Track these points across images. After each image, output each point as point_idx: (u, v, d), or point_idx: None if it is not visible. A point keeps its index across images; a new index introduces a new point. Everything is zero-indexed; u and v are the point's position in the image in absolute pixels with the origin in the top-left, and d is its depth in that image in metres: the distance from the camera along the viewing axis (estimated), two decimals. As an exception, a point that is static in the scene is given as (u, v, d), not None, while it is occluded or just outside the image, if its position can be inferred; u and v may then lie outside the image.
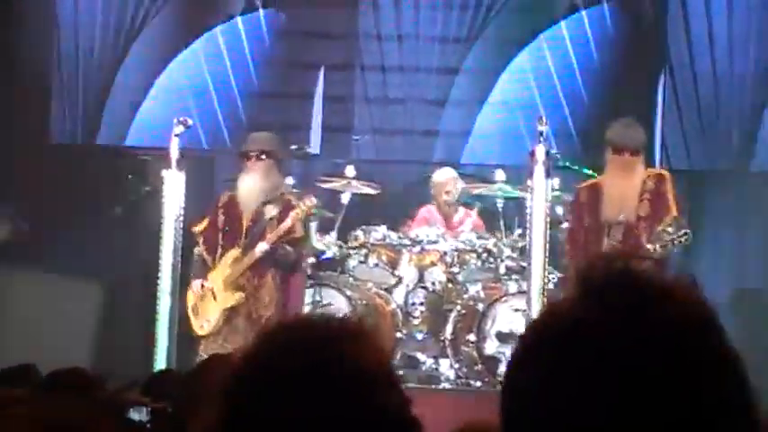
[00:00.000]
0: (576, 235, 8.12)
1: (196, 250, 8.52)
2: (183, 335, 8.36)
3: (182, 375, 3.48)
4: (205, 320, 8.43)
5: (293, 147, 9.32)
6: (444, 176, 9.56)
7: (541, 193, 7.88)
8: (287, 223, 8.32)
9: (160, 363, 7.90)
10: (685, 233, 7.67)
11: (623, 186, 7.96)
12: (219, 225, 8.54)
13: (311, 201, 8.45)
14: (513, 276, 8.93)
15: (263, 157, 8.40)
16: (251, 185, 8.43)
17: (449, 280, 9.04)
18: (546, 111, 10.10)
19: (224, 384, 1.59)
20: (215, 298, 8.43)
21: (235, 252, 8.44)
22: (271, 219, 8.39)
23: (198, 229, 8.53)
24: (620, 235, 7.88)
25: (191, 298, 8.47)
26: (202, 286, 8.43)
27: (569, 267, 8.13)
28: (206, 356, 7.77)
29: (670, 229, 7.68)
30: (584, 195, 8.12)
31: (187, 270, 8.38)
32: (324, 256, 8.98)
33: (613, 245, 7.82)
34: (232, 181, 8.69)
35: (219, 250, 8.49)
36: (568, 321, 1.36)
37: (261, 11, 10.83)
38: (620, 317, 1.34)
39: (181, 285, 8.19)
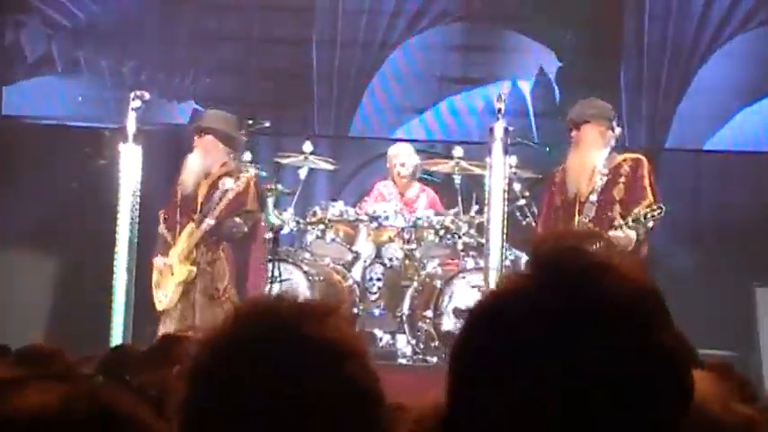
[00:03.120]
0: (546, 216, 8.20)
1: (158, 229, 8.59)
2: (143, 309, 8.37)
3: (140, 351, 3.49)
4: (163, 295, 8.50)
5: (249, 121, 9.26)
6: (396, 150, 9.59)
7: (500, 169, 7.91)
8: (229, 196, 8.42)
9: (116, 338, 7.89)
10: (659, 207, 7.71)
11: (574, 161, 8.05)
12: (178, 202, 8.61)
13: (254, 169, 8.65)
14: (471, 253, 8.95)
15: (204, 134, 8.57)
16: (191, 162, 8.59)
17: (406, 256, 9.05)
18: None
19: (191, 364, 1.60)
20: (172, 273, 8.50)
21: (190, 226, 8.52)
22: (226, 191, 8.47)
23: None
24: (592, 213, 7.93)
25: (154, 274, 8.54)
26: (164, 264, 8.52)
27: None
28: (163, 331, 7.88)
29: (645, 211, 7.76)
30: (560, 176, 8.18)
31: (144, 244, 8.38)
32: (281, 232, 8.97)
33: (584, 222, 7.88)
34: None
35: (178, 227, 8.57)
36: (516, 293, 1.42)
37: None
38: (563, 290, 1.39)
39: (138, 260, 8.17)
